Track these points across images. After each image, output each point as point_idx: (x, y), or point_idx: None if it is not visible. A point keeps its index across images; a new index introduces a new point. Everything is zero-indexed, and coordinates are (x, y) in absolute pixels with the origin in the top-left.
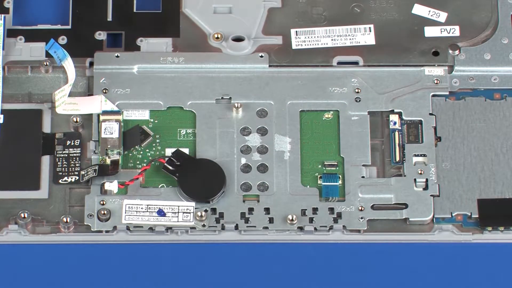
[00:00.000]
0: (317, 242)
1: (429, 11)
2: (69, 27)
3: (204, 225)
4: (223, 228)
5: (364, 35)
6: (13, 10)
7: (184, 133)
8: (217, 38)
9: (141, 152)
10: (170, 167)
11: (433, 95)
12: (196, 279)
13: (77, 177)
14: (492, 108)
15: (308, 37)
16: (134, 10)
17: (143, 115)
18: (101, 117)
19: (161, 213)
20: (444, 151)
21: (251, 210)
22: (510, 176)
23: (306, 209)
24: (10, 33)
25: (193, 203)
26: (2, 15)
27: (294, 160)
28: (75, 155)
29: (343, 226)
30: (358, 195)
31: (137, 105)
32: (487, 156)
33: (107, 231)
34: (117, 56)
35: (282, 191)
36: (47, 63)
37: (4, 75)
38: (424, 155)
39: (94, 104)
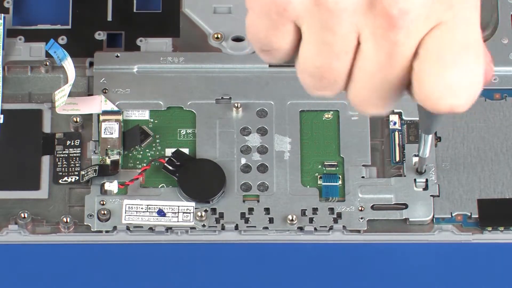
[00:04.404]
0: (317, 242)
1: None
2: (69, 27)
3: (204, 225)
4: (223, 228)
5: None
6: (13, 10)
7: (184, 133)
8: (217, 38)
9: (141, 152)
10: (170, 167)
11: None
12: (196, 279)
13: (77, 177)
14: (492, 108)
15: None
16: (134, 10)
17: (143, 115)
18: (101, 117)
19: (161, 213)
20: (444, 151)
21: (251, 210)
22: (510, 176)
23: (306, 209)
24: (10, 33)
25: (193, 203)
26: (2, 15)
27: (294, 160)
28: (75, 155)
29: (343, 226)
30: (358, 195)
31: (137, 105)
32: (487, 156)
33: (107, 231)
34: (117, 56)
35: (282, 191)
36: (47, 63)
37: (4, 75)
38: None
39: (94, 104)
